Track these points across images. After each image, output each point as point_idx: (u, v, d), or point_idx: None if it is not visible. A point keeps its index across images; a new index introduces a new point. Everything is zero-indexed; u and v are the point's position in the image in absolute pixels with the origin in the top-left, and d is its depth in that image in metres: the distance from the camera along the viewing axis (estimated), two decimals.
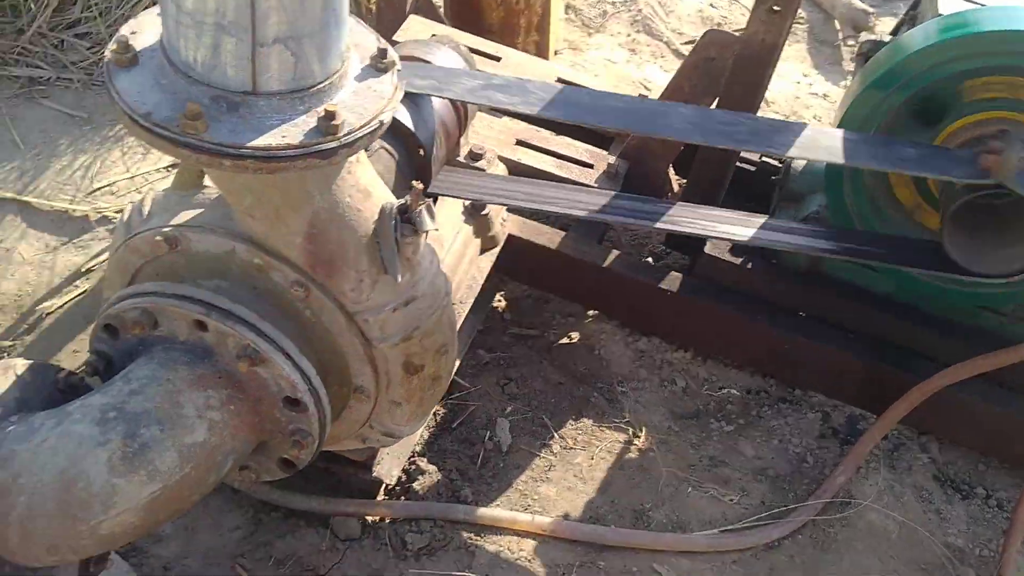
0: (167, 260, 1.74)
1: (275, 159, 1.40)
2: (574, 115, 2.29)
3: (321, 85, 1.46)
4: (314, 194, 1.57)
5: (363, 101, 1.50)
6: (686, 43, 4.14)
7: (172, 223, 1.71)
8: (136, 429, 1.55)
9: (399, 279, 1.63)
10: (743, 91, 2.64)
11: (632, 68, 3.96)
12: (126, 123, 1.41)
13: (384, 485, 2.31)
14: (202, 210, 1.73)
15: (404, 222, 1.63)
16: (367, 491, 2.33)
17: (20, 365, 1.66)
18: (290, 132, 1.41)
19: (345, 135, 1.44)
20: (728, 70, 2.64)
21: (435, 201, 2.21)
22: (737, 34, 2.63)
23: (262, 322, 1.64)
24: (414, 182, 1.63)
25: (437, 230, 1.72)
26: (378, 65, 1.56)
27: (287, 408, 1.69)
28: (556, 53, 3.83)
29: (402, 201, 1.63)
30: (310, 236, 1.61)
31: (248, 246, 1.66)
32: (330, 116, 1.42)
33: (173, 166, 3.18)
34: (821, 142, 2.19)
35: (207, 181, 1.77)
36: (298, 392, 1.66)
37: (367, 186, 1.65)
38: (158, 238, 1.69)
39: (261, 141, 1.39)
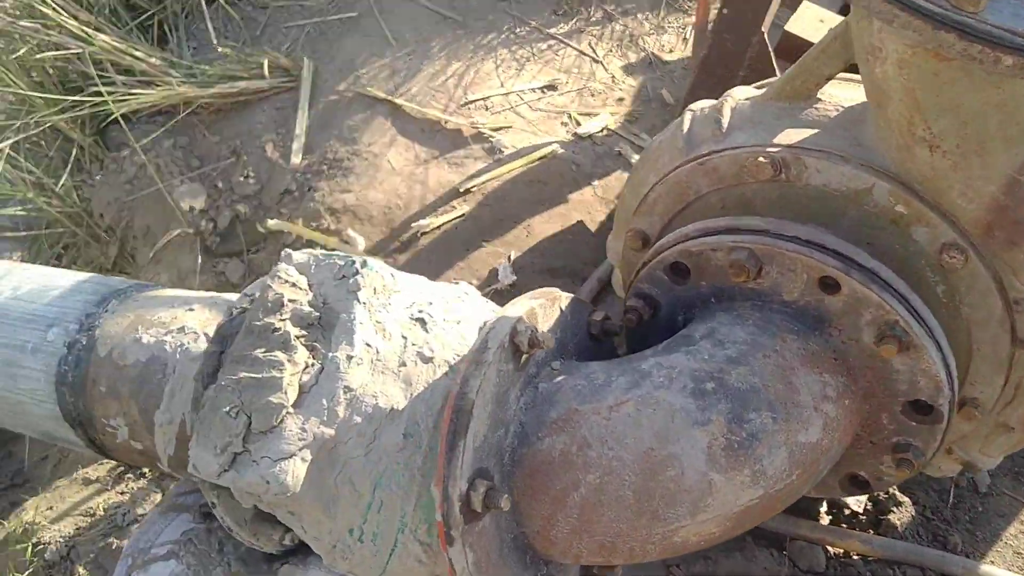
0: (751, 189, 1.31)
1: None
2: None
3: None
4: None
5: None
6: None
7: (778, 142, 1.28)
8: (743, 412, 1.14)
9: None
10: None
11: None
12: None
13: (842, 510, 1.86)
14: (817, 131, 1.28)
15: None
16: (805, 510, 1.88)
17: (564, 299, 1.28)
18: None
19: None
20: None
21: None
22: None
23: (912, 295, 1.19)
24: None
25: None
26: None
27: (906, 413, 1.24)
28: None
29: None
30: (1011, 185, 1.14)
31: (894, 187, 1.20)
32: None
33: (548, 87, 2.80)
34: None
35: (821, 93, 1.32)
36: (940, 397, 1.20)
37: None
38: (762, 159, 1.26)
39: None
